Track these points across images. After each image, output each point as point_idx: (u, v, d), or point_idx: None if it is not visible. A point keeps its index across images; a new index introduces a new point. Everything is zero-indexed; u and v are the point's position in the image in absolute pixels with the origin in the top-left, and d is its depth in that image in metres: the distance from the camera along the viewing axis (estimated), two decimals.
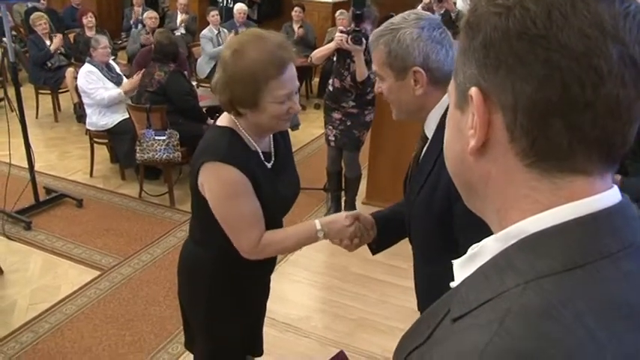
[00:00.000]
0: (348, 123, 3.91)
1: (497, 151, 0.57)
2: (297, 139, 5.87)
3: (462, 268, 0.63)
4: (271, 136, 1.81)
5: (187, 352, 2.87)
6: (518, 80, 0.53)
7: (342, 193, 4.37)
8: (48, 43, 6.54)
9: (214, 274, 1.83)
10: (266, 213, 1.71)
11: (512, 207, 0.58)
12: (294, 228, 1.77)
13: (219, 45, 6.78)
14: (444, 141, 0.67)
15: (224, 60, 1.62)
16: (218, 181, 1.64)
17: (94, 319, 3.13)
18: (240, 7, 7.38)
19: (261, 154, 1.73)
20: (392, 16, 1.45)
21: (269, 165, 1.76)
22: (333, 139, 4.02)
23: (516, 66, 0.53)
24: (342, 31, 3.62)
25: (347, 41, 3.49)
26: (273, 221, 1.75)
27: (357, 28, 3.49)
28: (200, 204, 1.71)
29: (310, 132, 6.20)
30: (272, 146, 1.81)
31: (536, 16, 0.51)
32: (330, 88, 3.96)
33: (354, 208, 4.12)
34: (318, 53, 3.90)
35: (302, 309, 3.27)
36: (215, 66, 5.99)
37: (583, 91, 0.51)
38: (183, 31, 7.99)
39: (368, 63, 3.56)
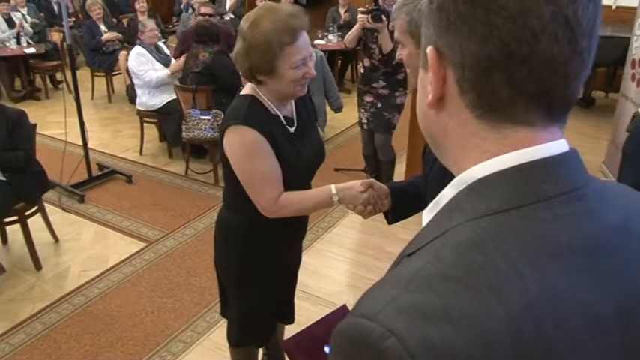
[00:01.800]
0: (379, 105, 3.95)
1: (451, 104, 0.62)
2: (340, 121, 5.95)
3: (428, 214, 0.69)
4: (292, 103, 1.91)
5: (223, 320, 3.02)
6: (465, 39, 0.58)
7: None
8: (102, 27, 6.83)
9: (245, 237, 1.94)
10: (289, 176, 1.80)
11: (466, 156, 0.63)
12: (311, 191, 1.87)
13: None
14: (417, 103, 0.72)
15: (242, 31, 1.73)
16: (237, 142, 1.75)
17: (139, 287, 3.33)
18: None
19: (282, 118, 1.84)
20: None
21: (291, 129, 1.86)
22: (366, 122, 4.09)
23: (462, 26, 0.58)
24: (362, 12, 3.69)
25: (368, 21, 3.57)
26: (297, 185, 1.84)
27: (376, 7, 3.57)
28: (229, 170, 1.82)
29: (353, 115, 6.19)
30: (294, 113, 1.91)
31: None
32: (362, 69, 4.03)
33: None
34: (349, 36, 3.97)
35: (335, 284, 3.36)
36: None
37: (519, 48, 0.55)
38: (231, 15, 8.15)
39: (392, 34, 3.59)
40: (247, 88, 1.84)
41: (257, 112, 1.78)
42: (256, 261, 1.98)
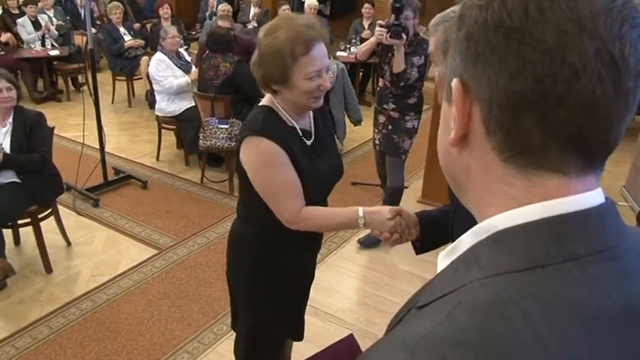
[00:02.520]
0: (389, 127, 3.79)
1: (476, 144, 0.57)
2: (359, 134, 5.89)
3: (444, 260, 0.63)
4: (311, 115, 1.88)
5: (231, 333, 2.97)
6: (494, 73, 0.53)
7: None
8: (122, 30, 6.89)
9: (258, 250, 1.90)
10: (305, 189, 1.76)
11: (489, 202, 0.58)
12: (336, 209, 1.81)
13: None
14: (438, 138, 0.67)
15: (258, 40, 1.72)
16: (254, 153, 1.72)
17: (148, 295, 3.29)
18: (311, 3, 7.46)
19: (299, 130, 1.80)
20: None
21: (308, 142, 1.83)
22: (378, 142, 3.95)
23: (492, 59, 0.53)
24: (381, 26, 3.47)
25: (386, 37, 3.37)
26: (314, 199, 1.80)
27: (397, 22, 3.34)
28: (245, 182, 1.78)
29: (373, 128, 6.19)
30: (312, 125, 1.87)
31: (513, 9, 0.51)
32: (377, 88, 3.93)
33: None
34: (362, 49, 3.79)
35: (346, 301, 3.29)
36: None
37: (555, 86, 0.50)
38: (255, 24, 8.18)
39: (407, 55, 3.48)
40: (265, 100, 1.82)
41: (274, 124, 1.75)
42: (269, 274, 1.93)
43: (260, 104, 1.82)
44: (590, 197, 0.54)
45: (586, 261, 0.51)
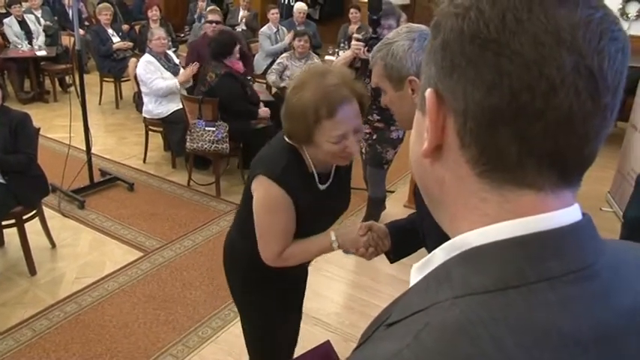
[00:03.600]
0: (374, 137, 3.75)
1: (450, 157, 0.55)
2: None
3: (416, 274, 0.60)
4: None
5: (217, 336, 2.99)
6: (469, 85, 0.51)
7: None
8: (110, 31, 6.87)
9: (250, 262, 1.88)
10: (308, 227, 1.77)
11: (463, 217, 0.56)
12: (312, 240, 1.80)
13: (277, 42, 6.91)
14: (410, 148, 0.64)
15: (287, 94, 1.68)
16: (263, 194, 1.72)
17: (133, 297, 3.28)
18: (300, 7, 7.48)
19: (316, 176, 1.77)
20: None
21: (322, 186, 1.80)
22: (363, 152, 3.91)
23: (468, 70, 0.51)
24: (358, 39, 3.37)
25: (363, 51, 3.26)
26: (318, 232, 1.81)
27: (375, 35, 3.18)
28: (249, 201, 1.79)
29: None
30: (333, 170, 1.84)
31: (490, 19, 0.49)
32: None
33: None
34: (337, 63, 3.67)
35: (332, 305, 3.31)
36: (271, 63, 6.13)
37: (533, 101, 0.48)
38: (243, 27, 8.18)
39: None
40: None
41: (293, 170, 1.71)
42: (259, 287, 1.95)
43: (287, 140, 1.74)
44: (566, 214, 0.52)
45: (560, 281, 0.49)
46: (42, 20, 7.53)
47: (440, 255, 0.56)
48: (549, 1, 0.48)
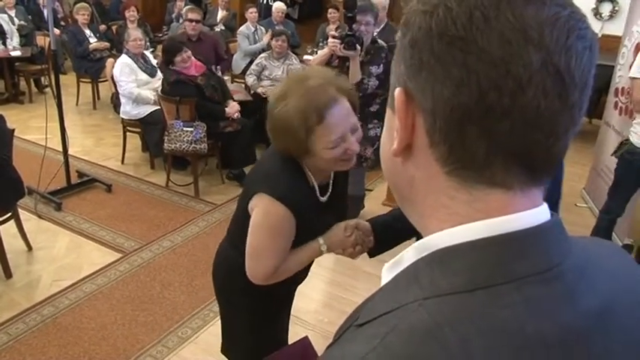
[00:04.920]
0: None
1: (419, 155, 0.55)
2: None
3: (387, 273, 0.60)
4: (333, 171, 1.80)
5: (196, 336, 2.99)
6: (438, 83, 0.50)
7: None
8: (87, 32, 6.80)
9: (234, 275, 1.83)
10: (303, 241, 1.71)
11: (432, 215, 0.56)
12: (302, 250, 1.72)
13: (255, 42, 6.90)
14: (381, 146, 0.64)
15: (269, 106, 1.59)
16: (263, 212, 1.62)
17: (112, 299, 3.26)
18: (278, 6, 7.48)
19: (317, 189, 1.70)
20: None
21: (323, 198, 1.74)
22: None
23: (436, 68, 0.50)
24: (334, 37, 3.36)
25: (340, 49, 3.28)
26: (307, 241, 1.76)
27: (350, 32, 3.22)
28: (245, 217, 1.70)
29: None
30: (331, 181, 1.78)
31: (457, 16, 0.49)
32: None
33: None
34: (315, 60, 3.67)
35: (310, 302, 3.32)
36: (250, 63, 6.11)
37: (500, 99, 0.48)
38: (222, 27, 8.16)
39: (364, 65, 3.43)
40: None
41: (297, 186, 1.64)
42: (262, 299, 1.88)
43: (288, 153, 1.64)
44: (534, 215, 0.52)
45: (526, 282, 0.49)
46: (16, 20, 7.41)
47: (410, 255, 0.57)
48: (517, 0, 0.48)
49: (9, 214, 3.50)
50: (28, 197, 4.02)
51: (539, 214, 0.53)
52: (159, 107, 4.84)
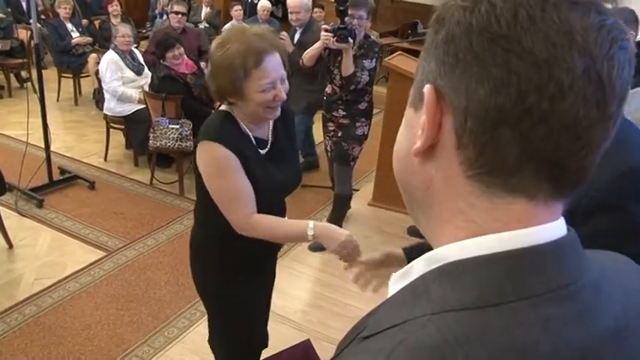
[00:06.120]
0: (339, 134, 3.72)
1: (443, 156, 0.53)
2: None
3: (395, 284, 0.58)
4: (271, 124, 1.88)
5: (183, 336, 2.95)
6: (473, 81, 0.48)
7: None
8: (69, 26, 6.68)
9: (218, 255, 1.90)
10: (258, 197, 1.77)
11: (447, 221, 0.54)
12: (286, 221, 1.84)
13: None
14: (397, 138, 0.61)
15: (210, 53, 1.74)
16: (209, 158, 1.74)
17: (96, 298, 3.21)
18: (263, 5, 7.43)
19: (252, 139, 1.80)
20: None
21: (262, 152, 1.83)
22: (329, 149, 3.90)
23: (473, 65, 0.48)
24: (326, 30, 3.36)
25: (332, 42, 3.28)
26: (268, 207, 1.81)
27: (342, 25, 3.25)
28: (201, 186, 1.80)
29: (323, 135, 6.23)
30: (270, 134, 1.87)
31: (502, 14, 0.47)
32: (325, 96, 3.81)
33: None
34: (308, 54, 3.60)
35: (299, 303, 3.31)
36: None
37: (539, 102, 0.46)
38: (206, 24, 8.09)
39: (357, 58, 3.42)
40: (225, 104, 1.82)
41: (230, 129, 1.77)
42: (234, 276, 1.94)
43: (220, 108, 1.83)
44: (551, 229, 0.51)
45: (541, 300, 0.47)
46: None
47: (419, 266, 0.55)
48: (562, 3, 0.47)
49: None
50: (8, 194, 3.92)
51: (558, 228, 0.52)
52: (144, 106, 4.77)
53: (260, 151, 1.82)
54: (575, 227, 0.56)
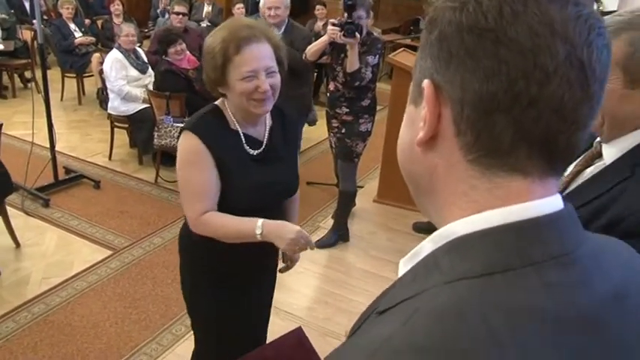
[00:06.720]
0: (343, 131, 3.72)
1: (444, 144, 0.58)
2: (315, 134, 5.93)
3: (404, 266, 0.63)
4: (267, 124, 1.83)
5: (190, 333, 2.95)
6: (467, 74, 0.53)
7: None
8: (72, 26, 6.70)
9: (195, 246, 1.85)
10: (235, 195, 1.73)
11: (452, 203, 0.58)
12: (237, 219, 1.71)
13: None
14: (399, 133, 0.66)
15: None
16: (181, 147, 1.72)
17: (103, 297, 3.23)
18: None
19: (242, 136, 1.76)
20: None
21: (252, 151, 1.77)
22: (333, 146, 3.92)
23: (466, 59, 0.53)
24: (333, 24, 3.34)
25: (339, 36, 3.27)
26: (248, 210, 1.72)
27: (350, 20, 3.25)
28: None
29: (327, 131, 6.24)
30: (265, 136, 1.82)
31: (488, 10, 0.52)
32: (328, 93, 3.82)
33: (343, 228, 3.95)
34: (312, 48, 3.57)
35: (305, 299, 3.33)
36: None
37: (528, 88, 0.51)
38: (208, 23, 8.10)
39: (361, 55, 3.41)
40: (219, 99, 1.80)
41: (211, 122, 1.74)
42: (205, 275, 1.89)
43: (215, 102, 1.81)
44: (549, 203, 0.55)
45: (543, 267, 0.52)
46: None
47: (428, 246, 0.59)
48: None
49: None
50: (15, 194, 3.94)
51: (554, 202, 0.56)
52: (148, 105, 4.78)
53: (249, 149, 1.76)
54: None
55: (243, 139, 1.76)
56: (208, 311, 1.95)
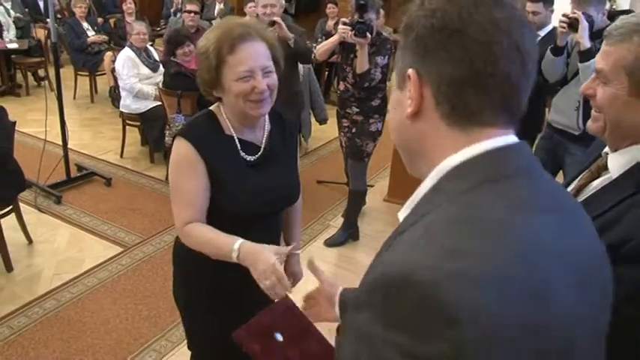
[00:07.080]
0: (353, 130, 3.71)
1: (428, 115, 0.77)
2: (325, 133, 5.94)
3: (404, 211, 0.81)
4: (266, 129, 1.76)
5: None
6: (441, 62, 0.73)
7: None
8: (85, 25, 6.76)
9: (190, 260, 1.76)
10: (229, 203, 1.65)
11: (441, 154, 0.76)
12: (218, 233, 1.61)
13: None
14: (390, 118, 0.85)
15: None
16: (173, 154, 1.65)
17: (114, 293, 3.25)
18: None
19: (237, 141, 1.67)
20: None
21: (249, 157, 1.69)
22: (344, 145, 3.91)
23: (439, 51, 0.73)
24: (345, 23, 3.31)
25: (350, 36, 3.25)
26: (244, 217, 1.67)
27: (361, 20, 3.23)
28: None
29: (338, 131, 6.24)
30: (263, 142, 1.74)
31: (452, 15, 0.72)
32: (338, 92, 3.81)
33: (353, 227, 3.98)
34: (322, 48, 3.56)
35: None
36: None
37: (485, 67, 0.71)
38: (219, 21, 8.12)
39: (370, 55, 3.39)
40: (214, 104, 1.73)
41: (204, 128, 1.66)
42: (200, 288, 1.83)
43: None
44: (512, 138, 0.76)
45: (517, 175, 0.73)
46: (12, 12, 7.34)
47: (426, 184, 0.78)
48: (487, 4, 0.72)
49: (10, 207, 3.48)
50: (27, 191, 3.99)
51: (514, 138, 0.76)
52: (159, 103, 4.81)
53: (245, 155, 1.68)
54: (612, 260, 0.81)
55: (239, 145, 1.68)
56: (204, 328, 1.90)
